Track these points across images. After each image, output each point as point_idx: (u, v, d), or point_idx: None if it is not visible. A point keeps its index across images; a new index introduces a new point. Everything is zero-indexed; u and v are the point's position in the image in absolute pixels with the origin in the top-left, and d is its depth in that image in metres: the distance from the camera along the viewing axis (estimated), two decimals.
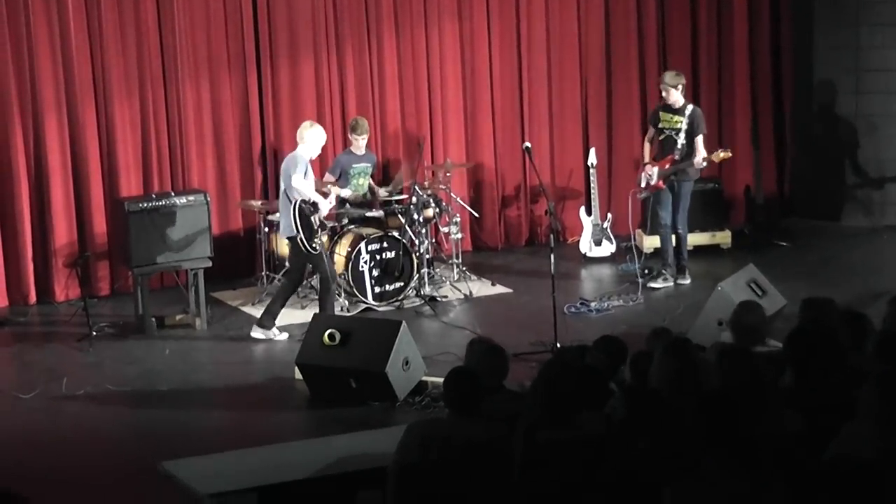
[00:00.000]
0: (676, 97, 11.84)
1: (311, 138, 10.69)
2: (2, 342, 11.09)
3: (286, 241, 10.91)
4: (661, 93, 12.08)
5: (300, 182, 10.47)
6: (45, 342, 11.04)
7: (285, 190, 10.55)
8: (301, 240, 10.43)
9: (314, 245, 10.48)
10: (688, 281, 11.96)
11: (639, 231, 13.14)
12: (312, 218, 10.49)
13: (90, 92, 11.95)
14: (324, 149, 12.71)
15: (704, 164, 11.84)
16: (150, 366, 10.22)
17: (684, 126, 11.77)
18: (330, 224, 11.05)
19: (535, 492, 5.65)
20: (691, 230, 12.73)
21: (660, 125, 11.94)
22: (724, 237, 13.34)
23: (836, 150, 14.37)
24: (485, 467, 5.94)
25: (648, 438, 5.63)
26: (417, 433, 6.22)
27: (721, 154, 11.87)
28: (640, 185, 12.07)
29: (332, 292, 10.64)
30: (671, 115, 11.87)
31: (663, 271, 12.01)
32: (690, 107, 11.91)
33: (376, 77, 13.03)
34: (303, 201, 10.46)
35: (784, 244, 13.41)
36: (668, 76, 11.98)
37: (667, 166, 11.82)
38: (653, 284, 11.89)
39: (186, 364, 10.27)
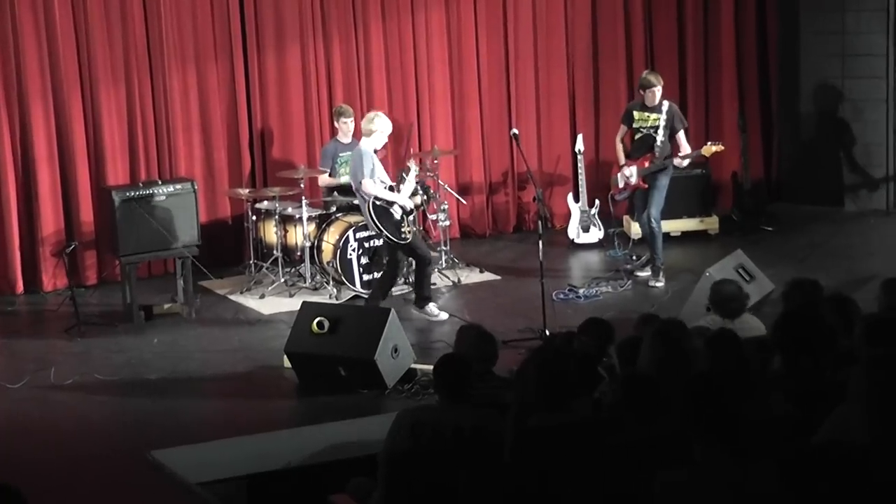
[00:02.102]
0: (656, 96, 11.49)
1: (378, 128, 10.59)
2: None
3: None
4: (639, 90, 11.68)
5: (371, 186, 10.44)
6: (33, 332, 11.02)
7: (357, 189, 10.57)
8: (387, 236, 10.43)
9: (403, 235, 10.46)
10: (661, 283, 11.54)
11: (626, 217, 13.14)
12: (392, 209, 10.48)
13: (76, 80, 11.91)
14: (310, 139, 12.77)
15: (686, 163, 11.67)
16: (139, 355, 10.20)
17: (662, 123, 11.48)
18: (412, 208, 10.79)
19: (526, 478, 5.65)
20: (678, 216, 12.74)
21: (635, 124, 11.61)
22: (711, 223, 13.36)
23: (822, 136, 14.39)
24: (475, 453, 5.94)
25: (639, 424, 5.63)
26: (407, 420, 6.22)
27: (713, 148, 11.53)
28: (617, 185, 11.90)
29: (427, 274, 10.72)
30: (647, 114, 11.52)
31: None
32: (666, 103, 11.55)
33: (363, 64, 13.01)
34: (376, 198, 10.43)
35: (771, 229, 13.42)
36: (653, 77, 11.59)
37: (646, 164, 11.58)
38: (641, 273, 11.84)
39: (175, 353, 10.25)
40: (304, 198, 11.59)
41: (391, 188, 10.72)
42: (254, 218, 11.96)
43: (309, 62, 12.76)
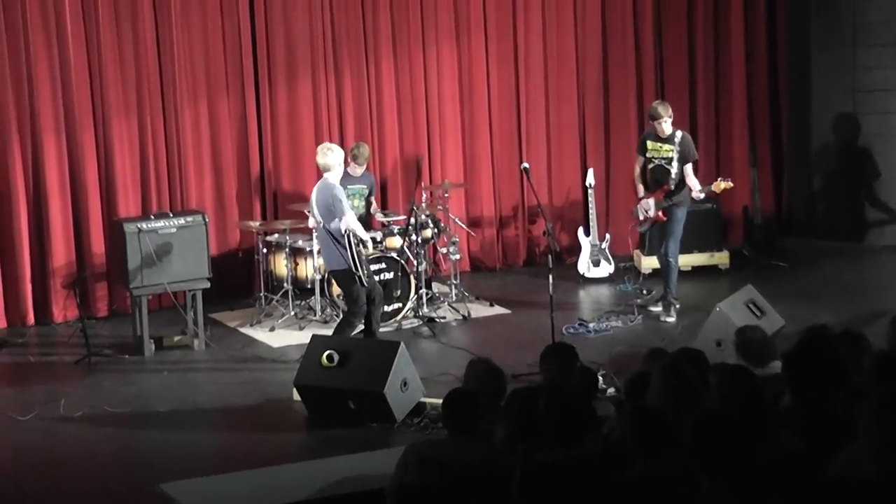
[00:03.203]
0: (667, 127, 11.49)
1: (338, 162, 10.37)
2: (0, 364, 11.08)
3: (330, 274, 10.75)
4: (650, 120, 11.71)
5: (354, 221, 10.29)
6: (43, 363, 11.03)
7: (325, 225, 10.27)
8: (359, 277, 10.22)
9: (368, 278, 10.33)
10: (672, 318, 11.51)
11: (637, 252, 13.13)
12: (359, 248, 10.32)
13: (89, 112, 11.97)
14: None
15: (702, 195, 11.65)
16: (148, 387, 10.21)
17: (675, 154, 11.45)
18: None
19: None
20: (689, 251, 12.70)
21: (648, 154, 11.61)
22: (722, 257, 13.34)
23: (833, 171, 14.38)
24: (483, 488, 5.93)
25: (647, 459, 5.62)
26: (416, 454, 6.21)
27: (722, 184, 11.48)
28: (637, 218, 11.89)
29: (359, 317, 10.45)
30: (660, 144, 11.52)
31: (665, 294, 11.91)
32: (679, 133, 11.55)
33: (374, 98, 13.05)
34: (353, 233, 10.25)
35: (782, 264, 13.40)
36: (662, 108, 11.54)
37: (662, 197, 11.58)
38: (653, 308, 11.81)
39: (184, 385, 10.26)
40: (314, 230, 11.60)
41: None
42: (264, 250, 11.97)
43: (320, 96, 12.80)
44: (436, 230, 12.07)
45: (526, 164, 11.43)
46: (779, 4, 14.54)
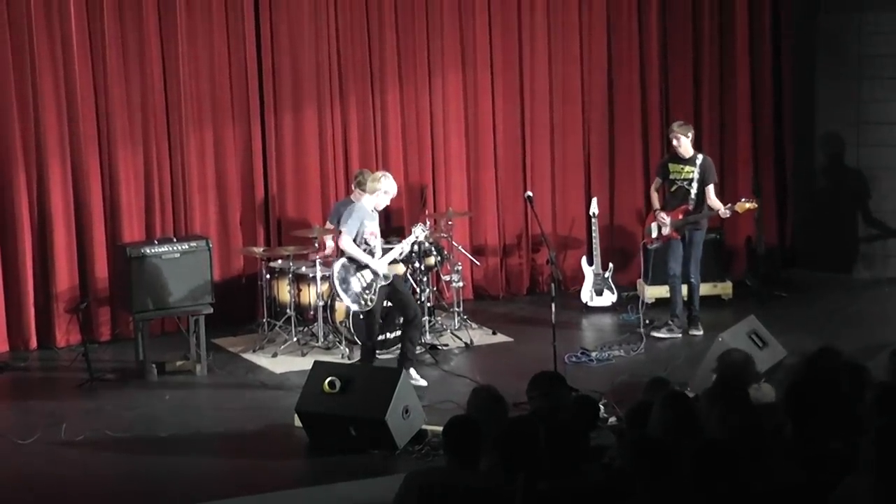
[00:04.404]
0: (686, 146, 11.78)
1: (386, 188, 10.46)
2: (2, 387, 11.08)
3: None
4: (670, 143, 11.97)
5: (347, 242, 10.36)
6: (46, 387, 11.02)
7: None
8: (340, 298, 10.30)
9: (364, 303, 10.34)
10: (700, 332, 11.82)
11: (639, 281, 13.14)
12: (359, 274, 10.35)
13: (94, 137, 12.00)
14: (325, 200, 12.81)
15: (728, 213, 11.77)
16: (150, 411, 10.20)
17: (696, 176, 11.74)
18: (386, 274, 10.51)
19: None
20: None
21: (670, 176, 11.87)
22: (725, 288, 13.34)
23: (837, 202, 14.40)
24: None
25: (649, 489, 5.61)
26: (416, 482, 6.21)
27: (746, 204, 11.68)
28: (650, 234, 11.99)
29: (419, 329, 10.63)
30: (681, 166, 11.81)
31: (669, 322, 11.95)
32: (700, 156, 11.87)
33: (379, 126, 13.08)
34: (344, 263, 10.35)
35: (783, 295, 13.39)
36: (677, 124, 11.98)
37: (680, 216, 11.78)
38: (656, 334, 11.85)
39: (186, 410, 10.25)
40: (317, 257, 11.61)
41: (382, 250, 10.63)
42: (268, 276, 11.99)
43: (325, 124, 12.83)
44: (439, 258, 12.08)
45: (530, 193, 11.47)
46: (785, 36, 14.58)
